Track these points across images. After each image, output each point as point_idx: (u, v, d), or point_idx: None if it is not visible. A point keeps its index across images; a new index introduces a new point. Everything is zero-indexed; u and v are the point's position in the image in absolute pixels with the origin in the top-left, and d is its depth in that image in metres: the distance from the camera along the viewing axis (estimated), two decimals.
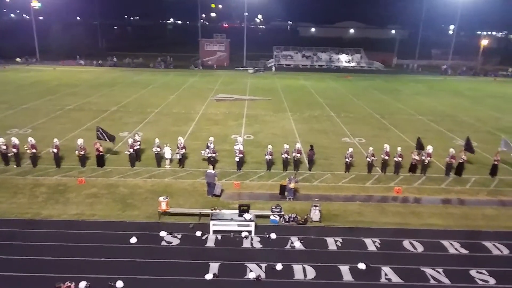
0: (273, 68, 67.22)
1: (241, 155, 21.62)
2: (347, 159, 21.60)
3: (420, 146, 22.35)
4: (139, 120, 31.83)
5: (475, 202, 18.92)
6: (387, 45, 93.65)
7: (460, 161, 21.69)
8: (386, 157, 21.50)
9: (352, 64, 75.97)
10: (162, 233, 15.18)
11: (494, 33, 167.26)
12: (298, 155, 21.56)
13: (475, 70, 71.85)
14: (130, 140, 22.01)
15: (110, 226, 15.80)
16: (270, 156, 21.55)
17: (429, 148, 21.88)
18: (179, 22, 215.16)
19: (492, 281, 13.04)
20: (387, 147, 21.65)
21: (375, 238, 15.34)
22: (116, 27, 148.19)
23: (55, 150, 21.10)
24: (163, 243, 14.76)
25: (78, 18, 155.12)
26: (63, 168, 21.27)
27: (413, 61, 79.32)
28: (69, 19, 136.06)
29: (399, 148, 21.81)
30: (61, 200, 17.77)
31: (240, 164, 21.87)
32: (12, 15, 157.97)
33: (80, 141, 21.37)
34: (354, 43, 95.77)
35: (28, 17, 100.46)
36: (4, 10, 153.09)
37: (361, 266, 13.54)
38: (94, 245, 14.40)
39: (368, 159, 21.60)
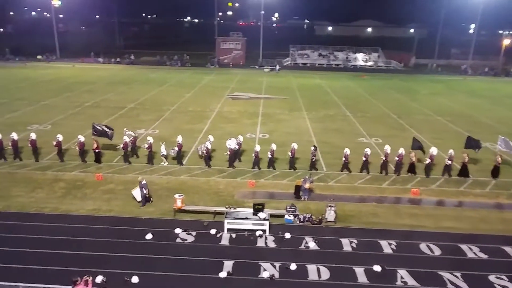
0: (277, 68, 66.11)
1: (229, 153, 21.70)
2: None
3: (416, 147, 22.00)
4: (155, 117, 32.12)
5: (494, 205, 18.49)
6: (405, 44, 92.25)
7: (464, 162, 21.29)
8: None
9: (369, 63, 75.13)
10: (177, 230, 15.29)
11: None
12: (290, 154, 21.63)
13: (496, 71, 70.20)
14: (125, 138, 22.13)
15: (126, 222, 15.99)
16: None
17: (433, 150, 21.48)
18: (196, 20, 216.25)
19: None
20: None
21: (391, 240, 15.14)
22: (133, 25, 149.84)
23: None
24: (178, 240, 14.86)
25: (97, 16, 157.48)
26: (81, 164, 21.63)
27: (432, 60, 77.96)
28: (88, 17, 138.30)
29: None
30: (78, 196, 18.08)
31: (231, 162, 21.86)
32: (33, 13, 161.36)
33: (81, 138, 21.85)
34: (371, 42, 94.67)
35: (48, 15, 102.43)
36: (25, 8, 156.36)
37: (377, 268, 13.37)
38: (111, 240, 14.60)
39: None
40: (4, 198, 17.50)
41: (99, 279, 12.14)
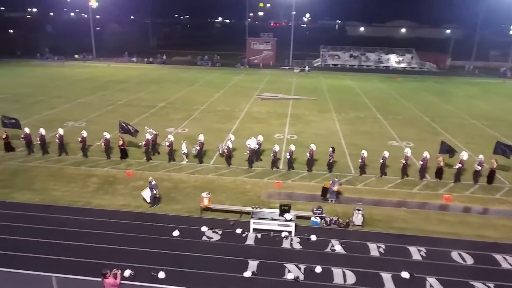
0: (307, 68, 65.63)
1: (248, 152, 21.80)
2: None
3: (444, 151, 21.34)
4: (184, 116, 32.61)
5: None
6: (441, 45, 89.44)
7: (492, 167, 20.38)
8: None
9: (403, 65, 73.32)
10: (203, 228, 15.47)
11: None
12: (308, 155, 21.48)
13: None
14: (147, 135, 22.63)
15: (154, 218, 16.33)
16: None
17: (463, 155, 20.76)
18: (227, 21, 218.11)
19: None
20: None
21: (421, 247, 14.71)
22: (166, 26, 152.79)
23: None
24: (204, 238, 15.03)
25: (132, 17, 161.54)
26: (112, 161, 22.27)
27: (469, 62, 75.17)
28: (124, 18, 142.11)
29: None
30: (110, 191, 18.62)
31: (250, 161, 21.94)
32: (72, 14, 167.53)
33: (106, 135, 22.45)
34: (405, 43, 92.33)
35: (86, 16, 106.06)
36: (65, 9, 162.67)
37: (405, 274, 13.03)
38: (139, 235, 14.94)
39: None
40: (40, 191, 18.28)
41: (127, 272, 12.46)
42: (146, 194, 17.34)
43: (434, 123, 32.73)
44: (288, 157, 21.49)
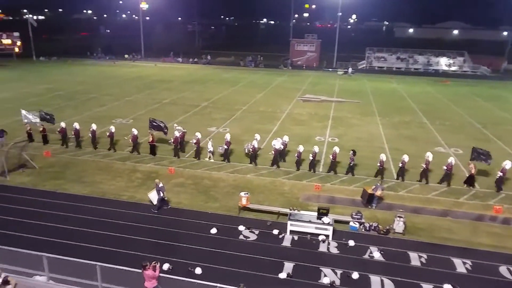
0: (350, 70, 64.18)
1: (273, 153, 21.89)
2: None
3: (476, 158, 20.32)
4: (226, 116, 33.07)
5: None
6: (496, 48, 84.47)
7: None
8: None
9: (454, 68, 70.02)
10: (241, 227, 15.62)
11: None
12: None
13: None
14: (176, 133, 23.18)
15: (194, 215, 16.71)
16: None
17: (506, 163, 19.53)
18: (272, 22, 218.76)
19: None
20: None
21: (466, 259, 14.00)
22: (211, 27, 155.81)
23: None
24: (241, 237, 15.17)
25: (179, 18, 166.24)
26: (156, 157, 23.02)
27: None
28: (172, 19, 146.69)
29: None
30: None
31: (275, 161, 21.99)
32: (123, 15, 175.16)
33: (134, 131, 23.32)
34: (457, 45, 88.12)
35: (136, 17, 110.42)
36: (117, 11, 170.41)
37: (447, 287, 12.46)
38: (179, 231, 15.36)
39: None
40: (89, 184, 19.27)
41: (166, 266, 12.84)
42: (153, 196, 17.19)
43: (485, 130, 31.03)
44: (311, 158, 21.30)
